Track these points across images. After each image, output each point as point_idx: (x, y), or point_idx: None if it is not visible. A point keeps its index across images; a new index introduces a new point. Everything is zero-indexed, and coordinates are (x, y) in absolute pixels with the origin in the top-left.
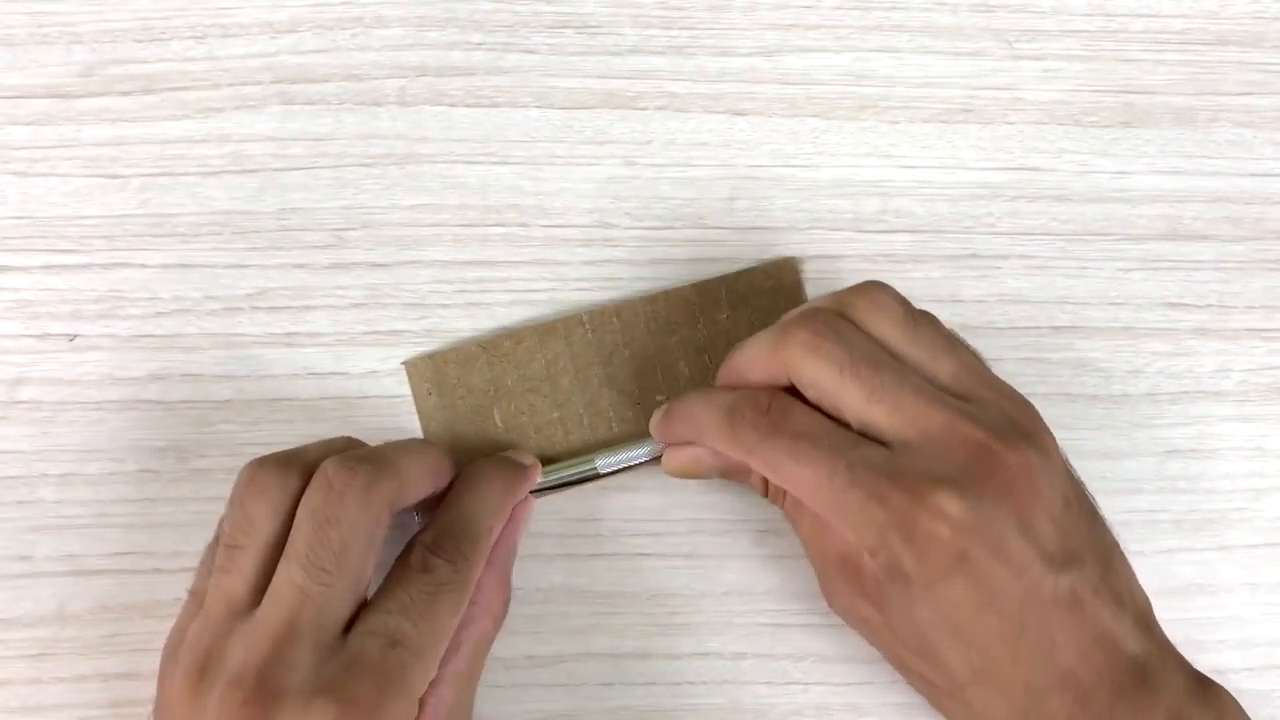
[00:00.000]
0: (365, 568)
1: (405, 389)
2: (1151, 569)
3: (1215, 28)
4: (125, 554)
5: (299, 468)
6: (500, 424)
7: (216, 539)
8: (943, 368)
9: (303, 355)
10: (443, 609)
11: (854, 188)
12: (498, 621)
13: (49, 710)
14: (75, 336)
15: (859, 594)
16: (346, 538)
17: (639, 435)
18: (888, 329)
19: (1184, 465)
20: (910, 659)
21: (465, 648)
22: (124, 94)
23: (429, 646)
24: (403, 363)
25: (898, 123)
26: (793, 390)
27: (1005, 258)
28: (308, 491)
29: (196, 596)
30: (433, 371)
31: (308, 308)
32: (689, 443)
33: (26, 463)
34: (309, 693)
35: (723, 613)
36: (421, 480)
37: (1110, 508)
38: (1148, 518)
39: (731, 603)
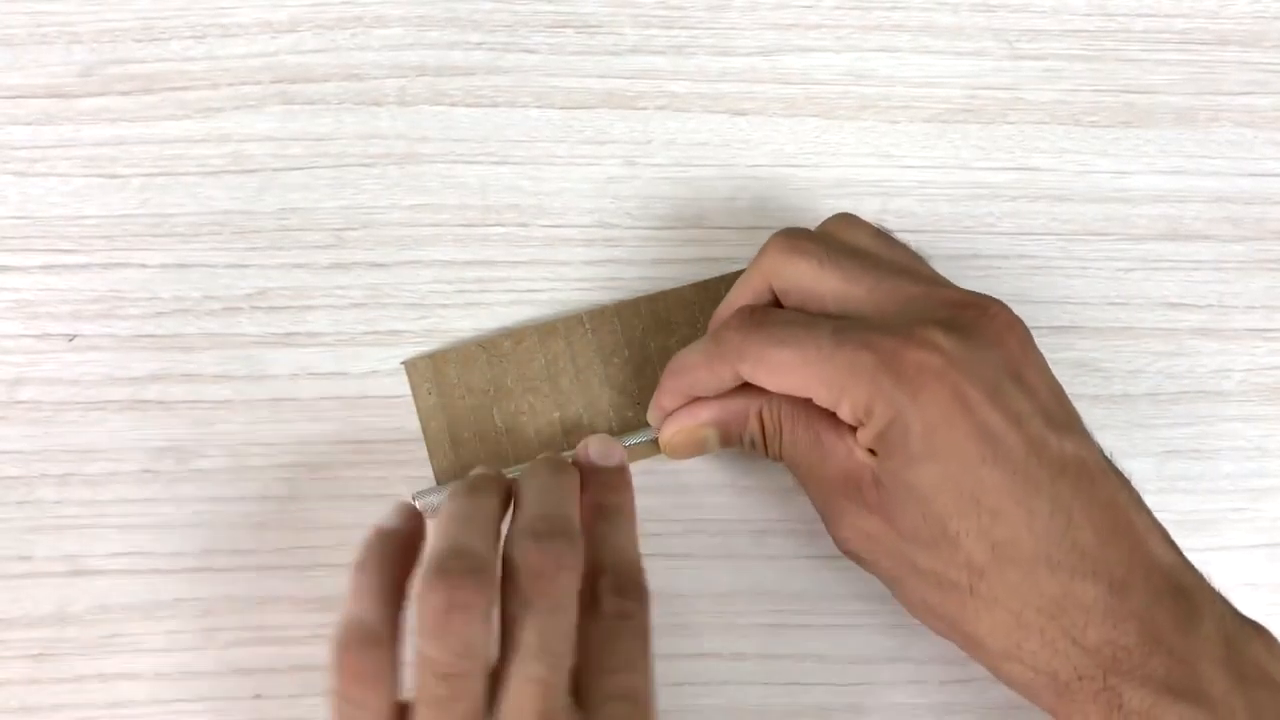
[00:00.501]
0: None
1: (405, 389)
2: None
3: (1215, 27)
4: (125, 554)
5: (488, 576)
6: (500, 424)
7: (343, 692)
8: (921, 267)
9: (303, 355)
10: (650, 651)
11: (854, 188)
12: None
13: (49, 710)
14: (75, 336)
15: (861, 508)
16: (571, 615)
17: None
18: (863, 242)
19: (1185, 465)
20: (924, 556)
21: None
22: (124, 94)
23: (652, 685)
24: (402, 362)
25: (898, 122)
26: None
27: (1005, 258)
28: (518, 587)
29: None
30: (433, 371)
31: (308, 308)
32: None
33: (26, 463)
34: None
35: (723, 613)
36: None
37: None
38: None
39: (731, 603)
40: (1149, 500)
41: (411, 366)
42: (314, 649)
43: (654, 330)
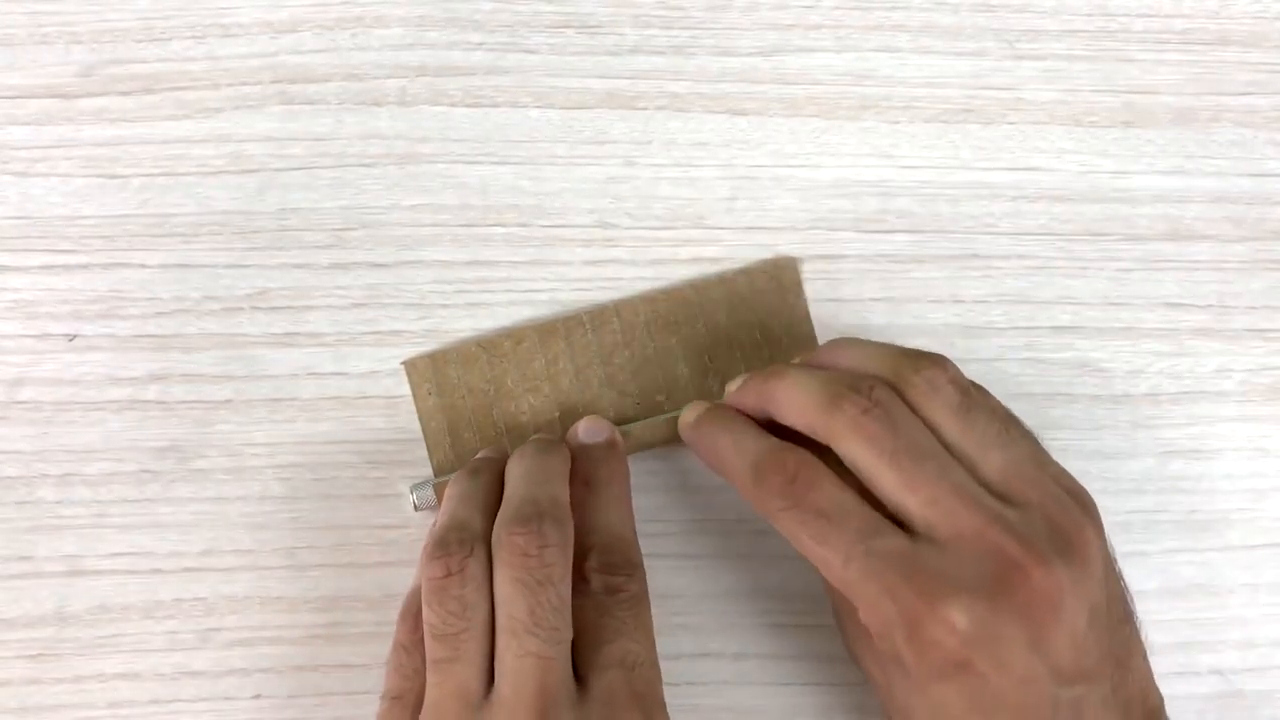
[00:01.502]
0: (570, 608)
1: (405, 389)
2: (1153, 569)
3: (1216, 28)
4: (125, 554)
5: (481, 545)
6: (500, 424)
7: (402, 641)
8: (992, 462)
9: (303, 355)
10: (647, 618)
11: (854, 188)
12: None
13: (49, 710)
14: (75, 336)
15: (870, 653)
16: (561, 591)
17: (639, 435)
18: (941, 414)
19: (1185, 466)
20: None
21: None
22: (124, 94)
23: (653, 649)
24: (402, 363)
25: (898, 123)
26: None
27: (1005, 258)
28: (502, 563)
29: (404, 699)
30: (433, 371)
31: (308, 308)
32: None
33: (26, 463)
34: None
35: (723, 613)
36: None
37: (1112, 508)
38: (1149, 518)
39: (731, 603)
40: (1150, 500)
41: (411, 367)
42: (314, 649)
43: (654, 330)
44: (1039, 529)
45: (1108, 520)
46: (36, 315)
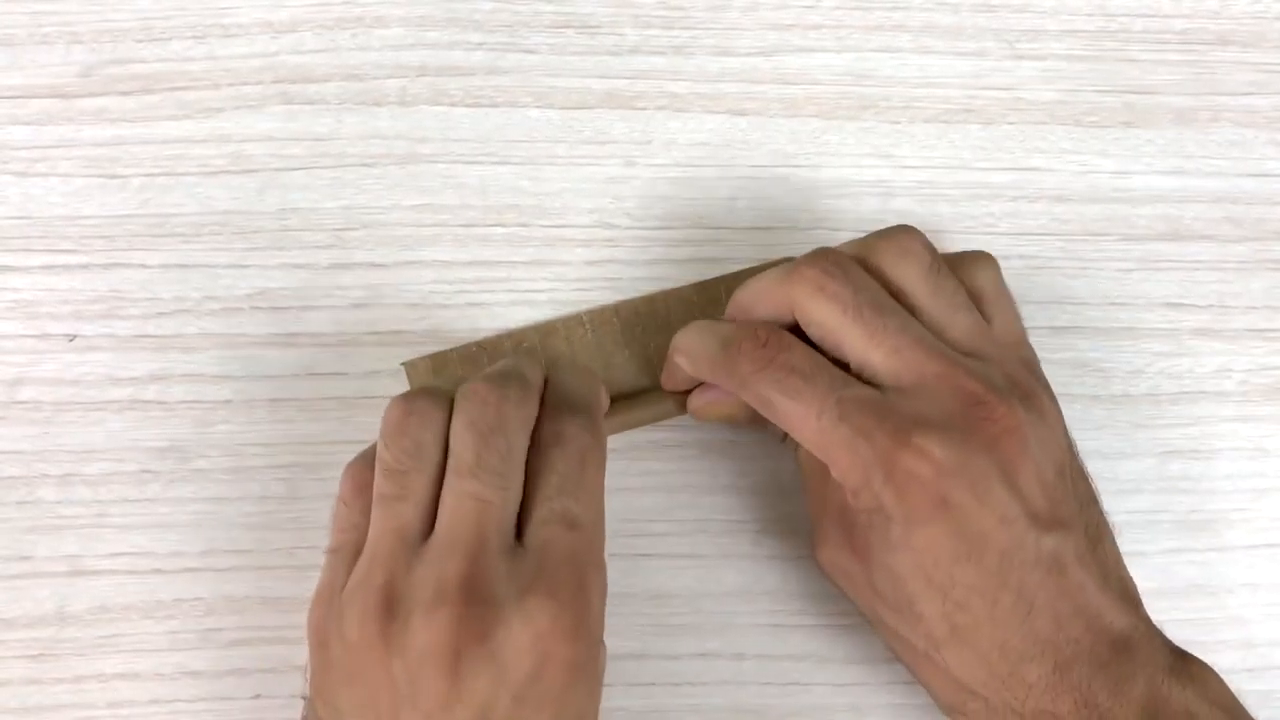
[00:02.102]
0: (523, 468)
1: (405, 389)
2: (1152, 569)
3: (1216, 28)
4: (125, 554)
5: (445, 398)
6: None
7: (343, 496)
8: (957, 323)
9: (303, 355)
10: (592, 473)
11: (854, 188)
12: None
13: (49, 710)
14: (75, 336)
15: (847, 547)
16: (511, 441)
17: (635, 414)
18: (910, 278)
19: (1185, 466)
20: (889, 615)
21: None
22: (124, 94)
23: (597, 515)
24: (402, 364)
25: (898, 123)
26: (797, 330)
27: (1005, 258)
28: (460, 410)
29: (341, 551)
30: (433, 373)
31: (308, 308)
32: (698, 384)
33: (26, 463)
34: (519, 595)
35: (723, 613)
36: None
37: (1111, 508)
38: (1149, 518)
39: (731, 603)
40: (1149, 500)
41: (411, 368)
42: None
43: (654, 330)
44: (999, 378)
45: (1108, 520)
46: (37, 315)
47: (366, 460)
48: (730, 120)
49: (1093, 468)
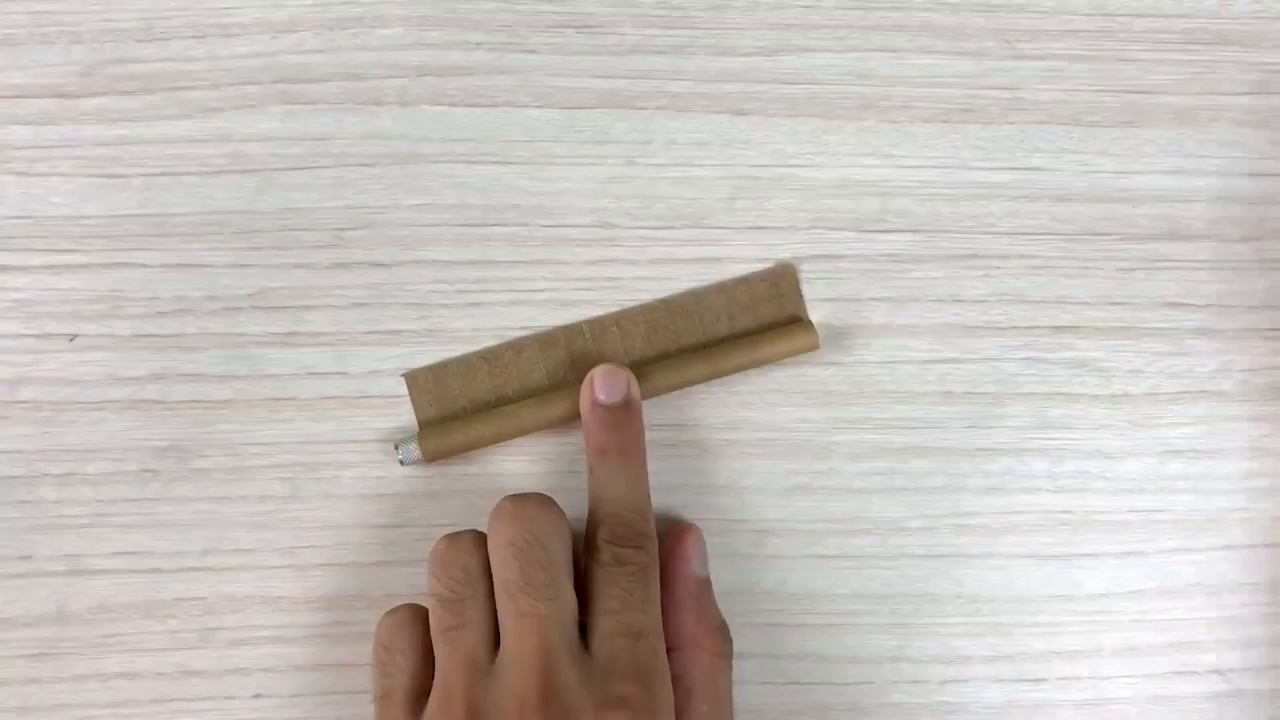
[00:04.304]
0: (570, 573)
1: (405, 394)
2: (1152, 569)
3: (1216, 27)
4: (125, 554)
5: (482, 533)
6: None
7: (381, 640)
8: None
9: (303, 355)
10: (655, 589)
11: (854, 188)
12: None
13: (49, 710)
14: (75, 336)
15: None
16: (549, 548)
17: (659, 379)
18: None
19: (1185, 465)
20: None
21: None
22: (124, 94)
23: (658, 620)
24: (403, 375)
25: (898, 122)
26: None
27: (1005, 258)
28: (493, 532)
29: (391, 697)
30: (434, 383)
31: (308, 307)
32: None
33: (26, 463)
34: (595, 707)
35: (723, 612)
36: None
37: (1111, 508)
38: (1148, 518)
39: (731, 603)
40: (1149, 500)
41: (412, 380)
42: (314, 649)
43: (654, 340)
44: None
45: (1107, 519)
46: (37, 315)
47: (399, 611)
48: (730, 120)
49: (1093, 468)
